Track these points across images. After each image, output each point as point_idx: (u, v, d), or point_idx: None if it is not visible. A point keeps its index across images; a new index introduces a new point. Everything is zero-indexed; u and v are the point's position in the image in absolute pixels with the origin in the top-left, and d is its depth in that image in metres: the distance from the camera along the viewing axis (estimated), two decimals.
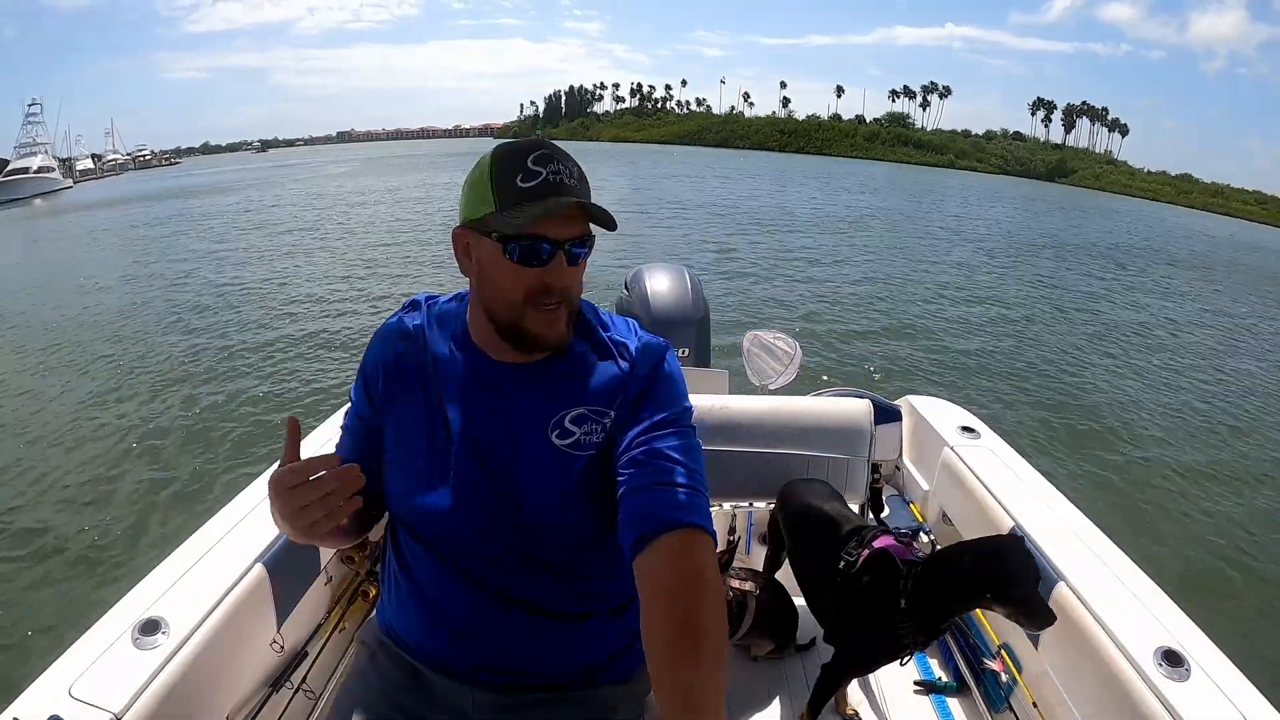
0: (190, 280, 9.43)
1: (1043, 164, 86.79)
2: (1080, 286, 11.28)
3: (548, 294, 0.75)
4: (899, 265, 11.59)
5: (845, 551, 1.13)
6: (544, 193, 0.72)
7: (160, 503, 3.60)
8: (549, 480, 0.79)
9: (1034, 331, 7.90)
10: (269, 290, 8.56)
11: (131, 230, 16.50)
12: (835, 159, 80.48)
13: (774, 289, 8.92)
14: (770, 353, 2.16)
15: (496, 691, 0.82)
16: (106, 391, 5.28)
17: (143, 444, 4.30)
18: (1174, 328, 8.96)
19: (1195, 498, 4.17)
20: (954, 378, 6.01)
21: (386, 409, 0.84)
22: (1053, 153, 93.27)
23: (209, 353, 6.15)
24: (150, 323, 7.28)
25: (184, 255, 11.76)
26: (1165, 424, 5.40)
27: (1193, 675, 0.92)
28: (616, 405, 0.80)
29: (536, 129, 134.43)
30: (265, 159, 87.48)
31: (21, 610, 2.78)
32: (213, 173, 49.40)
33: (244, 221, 16.81)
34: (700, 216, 16.87)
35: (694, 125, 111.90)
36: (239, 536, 1.14)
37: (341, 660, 1.34)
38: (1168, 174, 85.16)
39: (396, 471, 0.84)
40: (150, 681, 0.87)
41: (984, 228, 19.36)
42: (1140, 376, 6.62)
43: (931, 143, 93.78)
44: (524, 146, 0.74)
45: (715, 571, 0.71)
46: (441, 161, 43.70)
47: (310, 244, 12.51)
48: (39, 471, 3.97)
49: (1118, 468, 4.48)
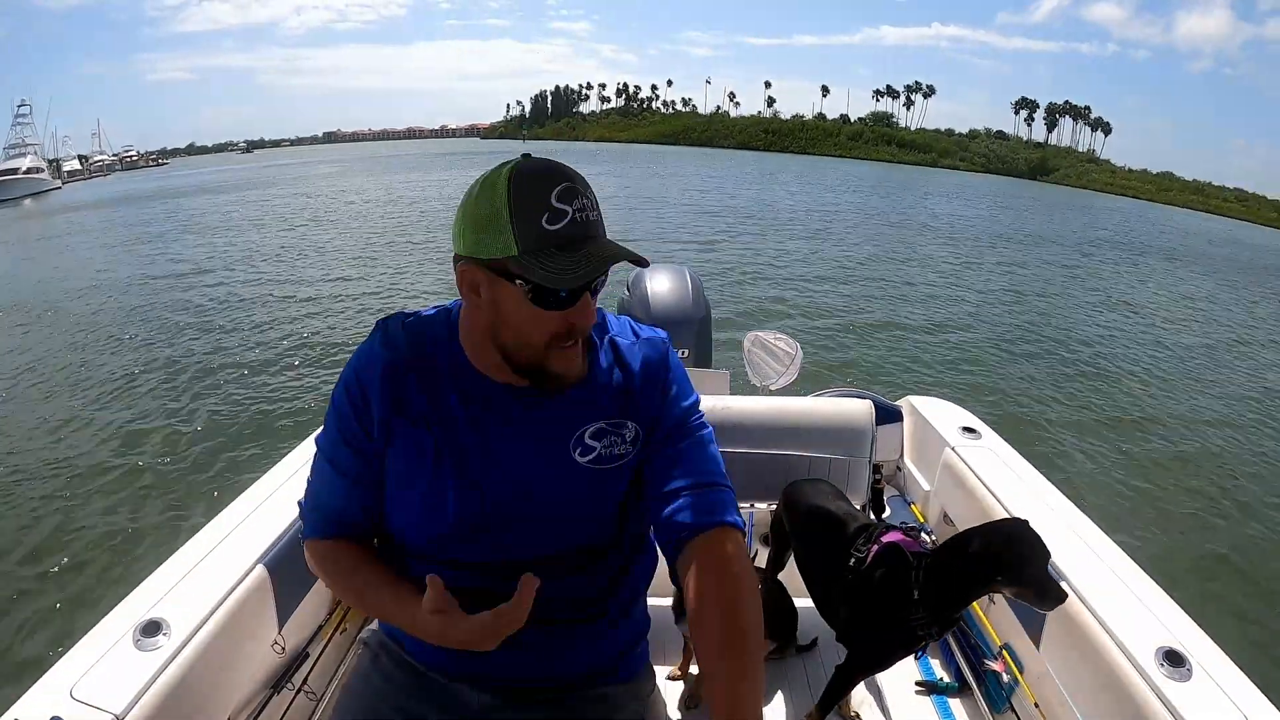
0: (189, 281, 9.43)
1: (1025, 162, 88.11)
2: (1079, 285, 11.31)
3: (571, 334, 0.72)
4: (898, 265, 11.60)
5: (854, 549, 1.13)
6: (574, 237, 0.66)
7: (161, 504, 3.60)
8: (579, 500, 0.79)
9: (1035, 330, 7.91)
10: (270, 291, 8.56)
11: (127, 230, 16.55)
12: (819, 158, 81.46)
13: (774, 289, 8.93)
14: (771, 353, 2.16)
15: (500, 693, 0.82)
16: (108, 391, 5.28)
17: (144, 445, 4.30)
18: (1173, 326, 8.96)
19: (1197, 497, 4.18)
20: (954, 377, 6.02)
21: (384, 450, 0.78)
22: (1035, 151, 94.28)
23: (210, 353, 6.15)
24: (153, 323, 7.28)
25: (181, 256, 11.76)
26: (1166, 423, 5.40)
27: (1194, 675, 0.92)
28: (632, 414, 0.80)
29: (523, 129, 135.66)
30: (252, 159, 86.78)
31: (23, 611, 2.78)
32: (201, 173, 49.39)
33: (240, 221, 16.88)
34: (686, 215, 17.00)
35: (679, 125, 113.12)
36: (240, 537, 1.14)
37: (343, 662, 1.34)
38: (1149, 172, 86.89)
39: (399, 507, 0.79)
40: (151, 683, 0.87)
41: (978, 226, 19.65)
42: (1139, 375, 6.62)
43: (915, 142, 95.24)
44: (543, 177, 0.67)
45: (747, 567, 0.77)
46: (429, 162, 43.79)
47: (306, 243, 12.54)
48: (39, 472, 3.97)
49: (1118, 467, 4.48)
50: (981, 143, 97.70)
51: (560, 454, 0.78)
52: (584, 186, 0.69)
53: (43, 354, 6.37)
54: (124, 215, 20.37)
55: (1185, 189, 78.81)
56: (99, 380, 5.55)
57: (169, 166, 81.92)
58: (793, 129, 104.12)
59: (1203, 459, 4.78)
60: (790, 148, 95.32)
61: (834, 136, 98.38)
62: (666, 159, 50.87)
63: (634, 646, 0.91)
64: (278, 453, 1.53)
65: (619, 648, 0.87)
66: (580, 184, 0.69)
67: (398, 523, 0.81)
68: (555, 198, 0.66)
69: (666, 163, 44.54)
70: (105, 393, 5.26)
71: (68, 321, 7.52)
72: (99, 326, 7.23)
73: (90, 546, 3.22)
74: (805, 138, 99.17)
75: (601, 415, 0.79)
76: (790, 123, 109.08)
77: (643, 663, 0.95)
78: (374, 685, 0.86)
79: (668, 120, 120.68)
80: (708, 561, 0.75)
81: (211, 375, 5.58)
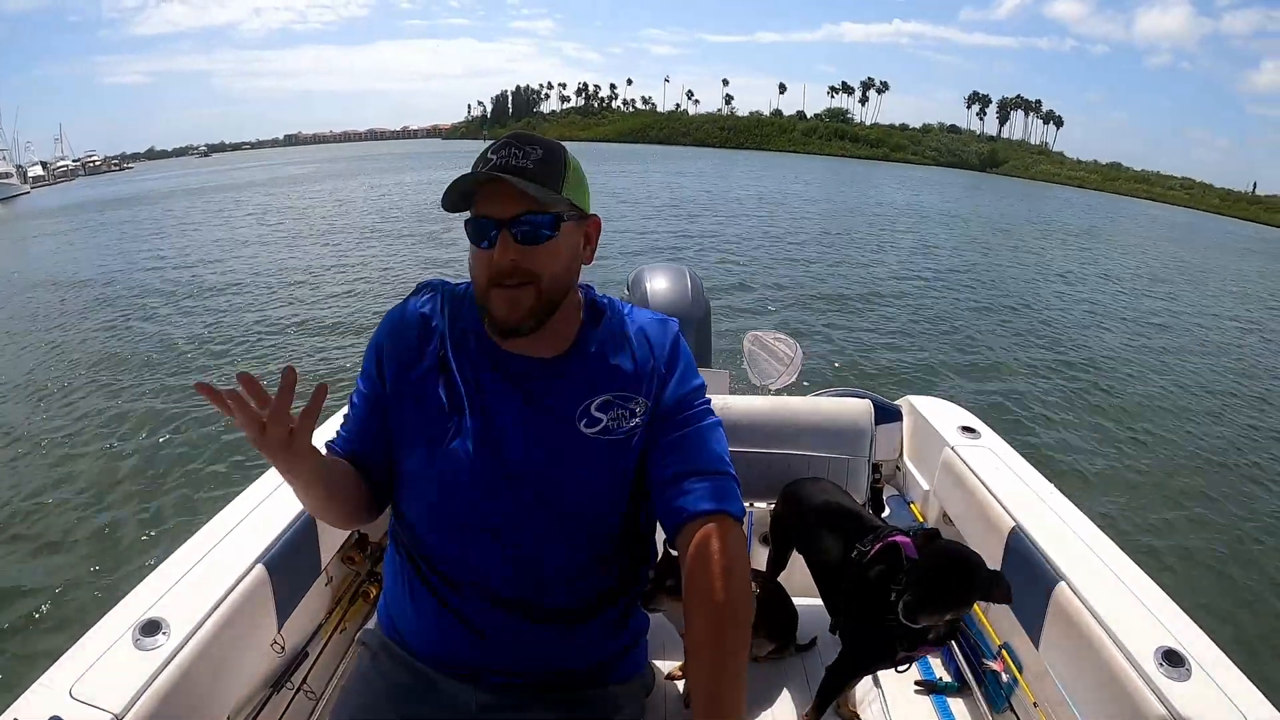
0: (190, 281, 9.43)
1: (975, 155, 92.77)
2: (1077, 285, 11.31)
3: (505, 274, 0.75)
4: (898, 265, 11.60)
5: (860, 542, 1.12)
6: (486, 174, 0.74)
7: (161, 503, 3.60)
8: (580, 469, 0.80)
9: (1035, 330, 7.91)
10: (269, 291, 8.55)
11: (120, 231, 16.48)
12: (774, 154, 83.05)
13: (774, 288, 8.92)
14: (771, 353, 2.16)
15: (501, 691, 0.82)
16: (108, 391, 5.28)
17: (143, 444, 4.30)
18: (1172, 325, 8.97)
19: (1197, 497, 4.17)
20: (954, 377, 6.01)
21: (399, 407, 0.83)
22: (985, 145, 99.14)
23: (210, 352, 6.15)
24: (152, 323, 7.28)
25: (182, 256, 11.76)
26: (1166, 423, 5.39)
27: (1193, 675, 0.92)
28: (643, 389, 0.82)
29: (484, 129, 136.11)
30: (212, 164, 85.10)
31: (22, 611, 2.78)
32: (168, 176, 48.95)
33: (233, 220, 16.95)
34: (661, 213, 17.19)
35: (638, 123, 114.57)
36: (240, 537, 1.14)
37: (342, 661, 1.34)
38: (1098, 162, 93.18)
39: (412, 471, 0.83)
40: (151, 682, 0.87)
41: (973, 225, 19.89)
42: (1139, 375, 6.62)
43: (867, 137, 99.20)
44: (499, 140, 0.78)
45: (741, 559, 0.76)
46: (399, 164, 43.36)
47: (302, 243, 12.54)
48: (39, 472, 3.97)
49: (1118, 467, 4.48)
50: (934, 137, 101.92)
51: (564, 423, 0.79)
52: (526, 141, 0.77)
53: (44, 353, 6.37)
54: (110, 218, 20.16)
55: (1132, 178, 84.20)
56: (100, 380, 5.55)
57: (134, 171, 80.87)
58: (749, 125, 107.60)
59: (1203, 459, 4.77)
60: (746, 144, 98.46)
61: (789, 133, 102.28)
62: (620, 158, 50.86)
63: (633, 645, 0.92)
64: None
65: (619, 646, 0.88)
66: (523, 140, 0.77)
67: (410, 485, 0.83)
68: (491, 150, 0.77)
69: (619, 161, 44.47)
70: (105, 392, 5.26)
71: (68, 321, 7.52)
72: (97, 326, 7.23)
73: (90, 546, 3.22)
74: (761, 134, 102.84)
75: (609, 388, 0.81)
76: (747, 120, 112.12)
77: (642, 661, 0.95)
78: (373, 685, 0.86)
79: (627, 119, 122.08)
80: (700, 549, 0.75)
81: (212, 374, 5.58)
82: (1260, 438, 5.29)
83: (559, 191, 0.75)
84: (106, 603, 1.01)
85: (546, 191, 0.74)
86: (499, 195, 0.74)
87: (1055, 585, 1.10)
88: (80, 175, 73.35)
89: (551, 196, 0.75)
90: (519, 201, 0.74)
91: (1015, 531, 1.25)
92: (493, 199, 0.74)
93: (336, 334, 6.68)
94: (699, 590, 0.73)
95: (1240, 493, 4.31)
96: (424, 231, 13.29)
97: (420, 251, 11.34)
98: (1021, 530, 1.24)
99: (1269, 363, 7.66)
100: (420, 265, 10.14)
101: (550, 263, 0.77)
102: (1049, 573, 1.13)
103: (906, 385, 5.58)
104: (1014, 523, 1.26)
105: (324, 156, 72.78)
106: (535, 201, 0.74)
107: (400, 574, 0.86)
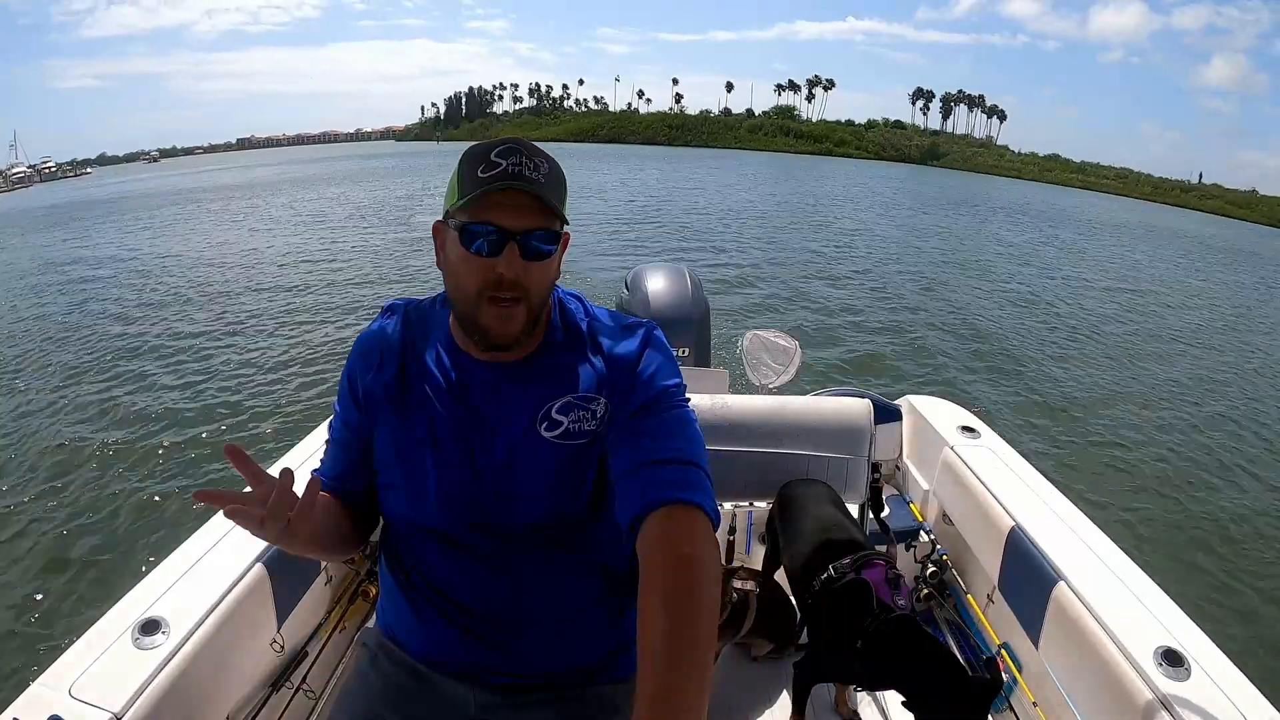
0: (192, 278, 9.44)
1: (916, 149, 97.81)
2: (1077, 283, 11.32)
3: (500, 287, 0.73)
4: (898, 265, 11.60)
5: (834, 565, 1.10)
6: (498, 180, 0.71)
7: (160, 502, 3.60)
8: (539, 474, 0.79)
9: (1035, 331, 7.91)
10: (269, 290, 8.55)
11: (109, 232, 16.31)
12: (721, 150, 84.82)
13: (774, 289, 8.92)
14: (770, 352, 2.16)
15: (498, 691, 0.82)
16: (108, 390, 5.28)
17: (143, 444, 4.30)
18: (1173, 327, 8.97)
19: (1197, 496, 4.17)
20: (954, 377, 6.01)
21: (374, 418, 0.83)
22: (926, 138, 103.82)
23: (210, 351, 6.15)
24: (152, 323, 7.28)
25: (187, 256, 11.75)
26: (1166, 423, 5.39)
27: (1193, 675, 0.92)
28: (605, 390, 0.80)
29: (436, 131, 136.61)
30: (163, 169, 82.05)
31: (22, 610, 2.78)
32: (130, 181, 48.23)
33: (225, 222, 16.78)
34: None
35: (589, 123, 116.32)
36: (239, 536, 1.14)
37: (342, 660, 1.34)
38: (1036, 154, 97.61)
39: (389, 479, 0.83)
40: (150, 681, 0.87)
41: (966, 224, 20.03)
42: (1140, 375, 6.62)
43: (811, 133, 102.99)
44: (495, 141, 0.73)
45: (708, 549, 0.67)
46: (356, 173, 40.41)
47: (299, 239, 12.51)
48: (39, 472, 3.97)
49: (1118, 466, 4.47)
50: (878, 132, 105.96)
51: (524, 428, 0.79)
52: (533, 152, 0.73)
53: (44, 351, 6.37)
54: (90, 220, 19.81)
55: (1068, 169, 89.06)
56: (99, 379, 5.55)
57: (91, 176, 79.21)
58: (696, 123, 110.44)
59: (1203, 459, 4.77)
60: (692, 141, 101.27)
61: (734, 130, 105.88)
62: (572, 156, 51.02)
63: (631, 644, 0.91)
64: (277, 451, 1.53)
65: (616, 645, 0.87)
66: (529, 149, 0.73)
67: (390, 497, 0.84)
68: (495, 154, 0.72)
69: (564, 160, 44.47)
70: (105, 391, 5.26)
71: (68, 319, 7.52)
72: (101, 326, 7.23)
73: (89, 545, 3.22)
74: (707, 131, 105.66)
75: (569, 390, 0.79)
76: (695, 118, 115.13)
77: None
78: (372, 685, 0.86)
79: (578, 118, 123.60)
80: (660, 540, 0.67)
81: (212, 374, 5.58)
82: (1262, 438, 5.29)
83: (562, 207, 0.75)
84: (106, 602, 1.01)
85: (556, 208, 0.73)
86: (509, 205, 0.71)
87: (1055, 585, 1.10)
88: (36, 182, 71.69)
89: (559, 213, 0.74)
90: (531, 215, 0.72)
91: (1015, 531, 1.25)
92: (502, 207, 0.71)
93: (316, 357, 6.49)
94: (659, 583, 0.64)
95: (1241, 492, 4.31)
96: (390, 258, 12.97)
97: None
98: (1021, 530, 1.24)
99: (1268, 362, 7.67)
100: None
101: (543, 279, 0.76)
102: (1049, 572, 1.13)
103: (907, 385, 5.58)
104: (1014, 522, 1.26)
105: (272, 161, 71.20)
106: (547, 218, 0.73)
107: (394, 576, 0.86)
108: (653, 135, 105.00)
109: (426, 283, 8.63)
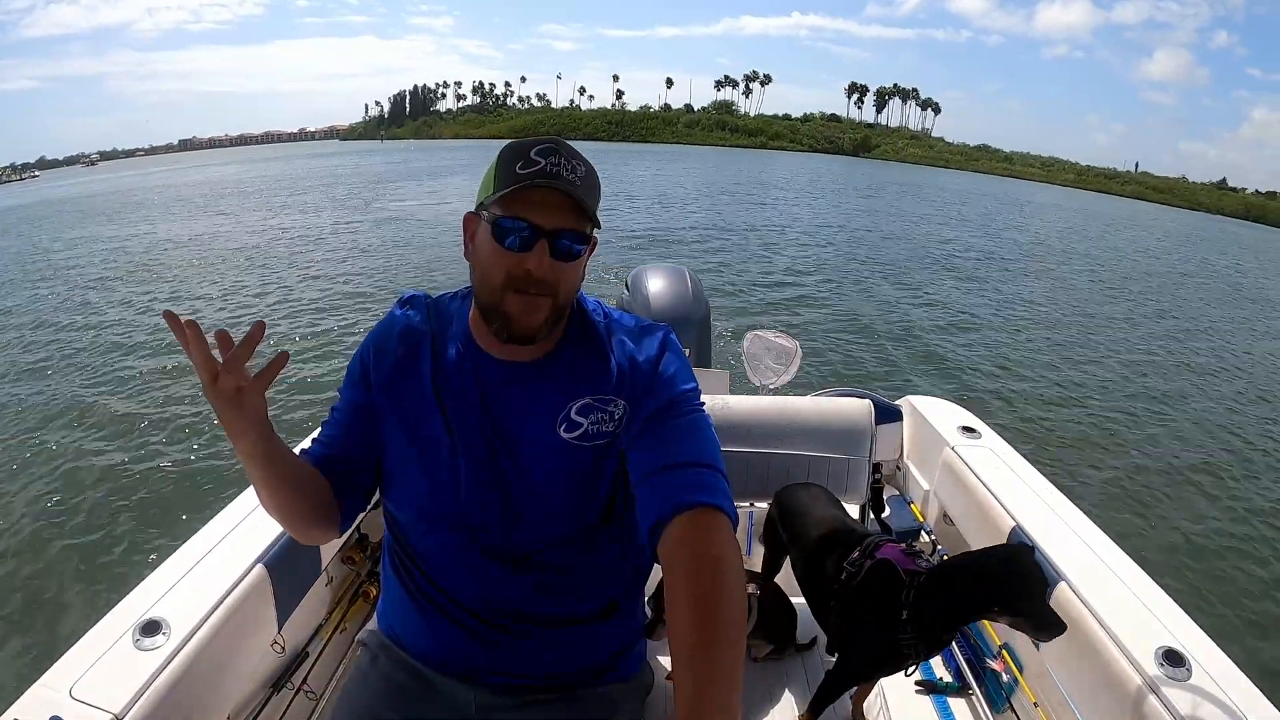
0: (193, 279, 9.44)
1: (849, 141, 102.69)
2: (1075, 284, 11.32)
3: (527, 281, 0.73)
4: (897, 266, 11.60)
5: (848, 562, 1.10)
6: (536, 178, 0.72)
7: (161, 503, 3.60)
8: (558, 474, 0.79)
9: (1035, 331, 7.91)
10: (268, 290, 8.56)
11: (97, 230, 16.22)
12: (659, 146, 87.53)
13: (773, 288, 8.92)
14: (771, 352, 2.16)
15: (499, 692, 0.82)
16: (108, 390, 5.28)
17: (143, 444, 4.30)
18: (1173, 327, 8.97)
19: (1197, 496, 4.17)
20: (954, 376, 6.01)
21: (387, 413, 0.82)
22: (859, 131, 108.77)
23: None
24: (151, 323, 7.27)
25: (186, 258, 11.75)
26: (1166, 423, 5.39)
27: (1194, 675, 0.92)
28: (624, 393, 0.80)
29: (381, 130, 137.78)
30: (108, 170, 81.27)
31: (22, 611, 2.78)
32: (85, 182, 47.14)
33: (223, 212, 16.85)
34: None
35: (530, 120, 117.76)
36: (240, 537, 1.14)
37: (342, 661, 1.34)
38: (966, 145, 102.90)
39: (399, 475, 0.83)
40: (151, 682, 0.87)
41: (958, 224, 19.98)
42: (1140, 375, 6.62)
43: (748, 127, 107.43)
44: (536, 139, 0.74)
45: (732, 550, 0.68)
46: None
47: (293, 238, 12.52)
48: (38, 472, 3.97)
49: (1118, 467, 4.47)
50: (813, 125, 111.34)
51: (543, 428, 0.79)
52: (571, 154, 0.74)
53: (45, 352, 6.37)
54: (66, 221, 19.60)
55: (994, 158, 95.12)
56: (100, 379, 5.55)
57: (39, 180, 77.30)
58: (635, 119, 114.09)
59: (1203, 459, 4.76)
60: (631, 137, 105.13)
61: (672, 125, 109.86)
62: None
63: (632, 645, 0.92)
64: None
65: (617, 646, 0.88)
66: (567, 150, 0.74)
67: (399, 494, 0.83)
68: (535, 152, 0.73)
69: None
70: (107, 390, 5.26)
71: (70, 318, 7.52)
72: (100, 326, 7.23)
73: (90, 546, 3.22)
74: (645, 127, 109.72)
75: (589, 391, 0.79)
76: (634, 114, 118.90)
77: (641, 661, 0.95)
78: (372, 685, 0.86)
79: (520, 116, 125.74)
80: (685, 543, 0.68)
81: None
82: (1264, 439, 5.29)
83: (595, 210, 0.76)
84: (106, 603, 1.01)
85: (590, 211, 0.74)
86: (544, 203, 0.72)
87: (1055, 585, 1.10)
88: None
89: (592, 216, 0.75)
90: (564, 215, 0.73)
91: (1015, 531, 1.25)
92: (537, 205, 0.72)
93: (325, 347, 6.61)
94: (685, 583, 0.65)
95: (1242, 492, 4.31)
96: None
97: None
98: (1021, 530, 1.24)
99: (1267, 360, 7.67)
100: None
101: (571, 279, 0.77)
102: (1049, 573, 1.13)
103: (907, 385, 5.57)
104: (1014, 523, 1.26)
105: (227, 158, 70.10)
106: (579, 219, 0.74)
107: (396, 577, 0.86)
108: (594, 132, 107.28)
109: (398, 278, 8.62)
